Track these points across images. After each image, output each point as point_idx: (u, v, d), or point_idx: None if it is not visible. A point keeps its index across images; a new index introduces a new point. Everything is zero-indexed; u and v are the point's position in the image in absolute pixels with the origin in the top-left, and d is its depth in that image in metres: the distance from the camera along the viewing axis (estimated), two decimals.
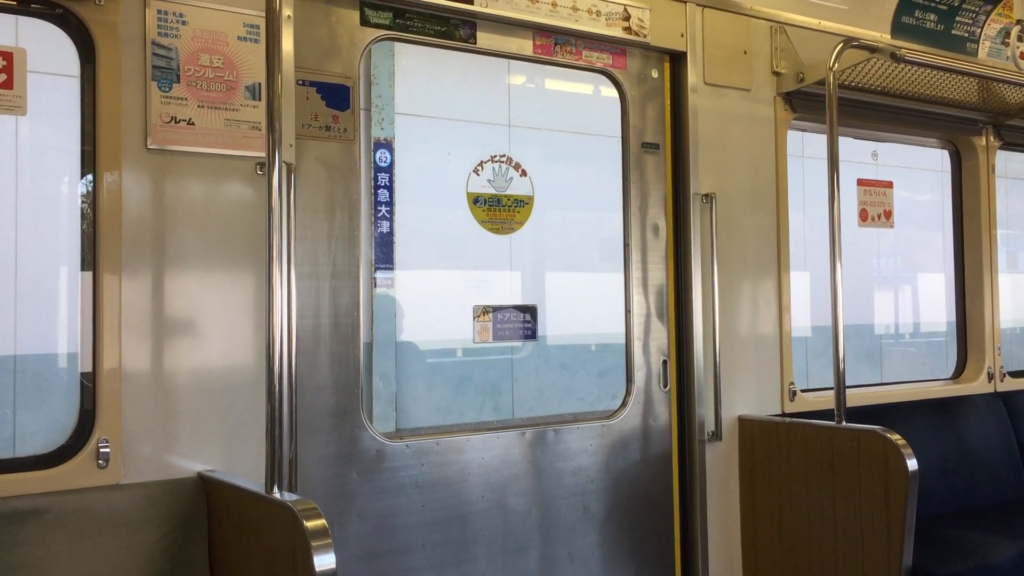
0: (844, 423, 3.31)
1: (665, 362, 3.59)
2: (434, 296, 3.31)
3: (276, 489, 2.24)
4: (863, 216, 4.29)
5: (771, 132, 3.86)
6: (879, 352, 4.96)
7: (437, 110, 3.44)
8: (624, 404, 3.50)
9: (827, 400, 3.79)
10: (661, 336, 3.60)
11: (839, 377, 3.34)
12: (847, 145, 4.07)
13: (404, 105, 3.49)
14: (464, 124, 3.42)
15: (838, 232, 3.39)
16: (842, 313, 3.38)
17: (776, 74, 3.87)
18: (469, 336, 3.24)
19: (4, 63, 2.37)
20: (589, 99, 3.68)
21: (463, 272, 3.36)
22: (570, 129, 3.60)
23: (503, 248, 3.38)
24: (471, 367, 3.36)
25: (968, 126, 4.61)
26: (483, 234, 3.29)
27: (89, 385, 2.48)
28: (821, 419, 3.51)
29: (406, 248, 3.39)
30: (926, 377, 4.67)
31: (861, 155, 4.51)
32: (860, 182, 4.30)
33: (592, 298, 3.63)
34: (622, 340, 3.53)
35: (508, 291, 3.40)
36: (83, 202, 2.54)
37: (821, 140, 4.05)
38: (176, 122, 2.59)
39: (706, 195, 3.62)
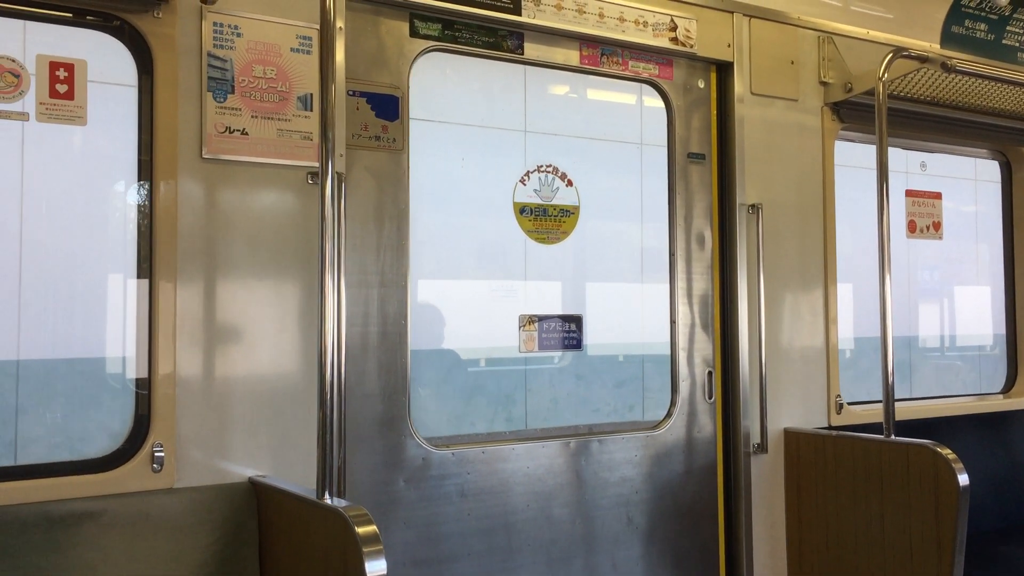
0: (893, 437, 3.27)
1: (710, 373, 3.57)
2: (480, 305, 3.32)
3: (327, 495, 2.26)
4: (911, 227, 4.25)
5: (818, 142, 3.84)
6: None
7: (481, 119, 3.46)
8: (669, 415, 3.49)
9: (874, 413, 3.76)
10: (706, 347, 3.58)
11: (888, 390, 3.30)
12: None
13: (446, 114, 3.51)
14: (509, 133, 3.43)
15: (887, 244, 3.36)
16: (891, 325, 3.35)
17: (824, 84, 3.84)
18: (515, 345, 3.25)
19: (66, 74, 2.43)
20: (636, 108, 3.68)
21: (509, 281, 3.36)
22: (616, 138, 3.59)
23: (549, 257, 3.38)
24: (516, 376, 3.37)
25: (1019, 136, 4.55)
26: (529, 243, 3.30)
27: (144, 391, 2.52)
28: (868, 432, 3.47)
29: (449, 257, 3.40)
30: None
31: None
32: (908, 193, 4.26)
33: (638, 308, 3.62)
34: (667, 351, 3.52)
35: (554, 300, 3.40)
36: (139, 210, 2.58)
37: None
38: (230, 132, 2.63)
39: (752, 206, 3.61)
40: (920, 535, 3.15)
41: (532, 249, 3.33)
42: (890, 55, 3.42)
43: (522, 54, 3.26)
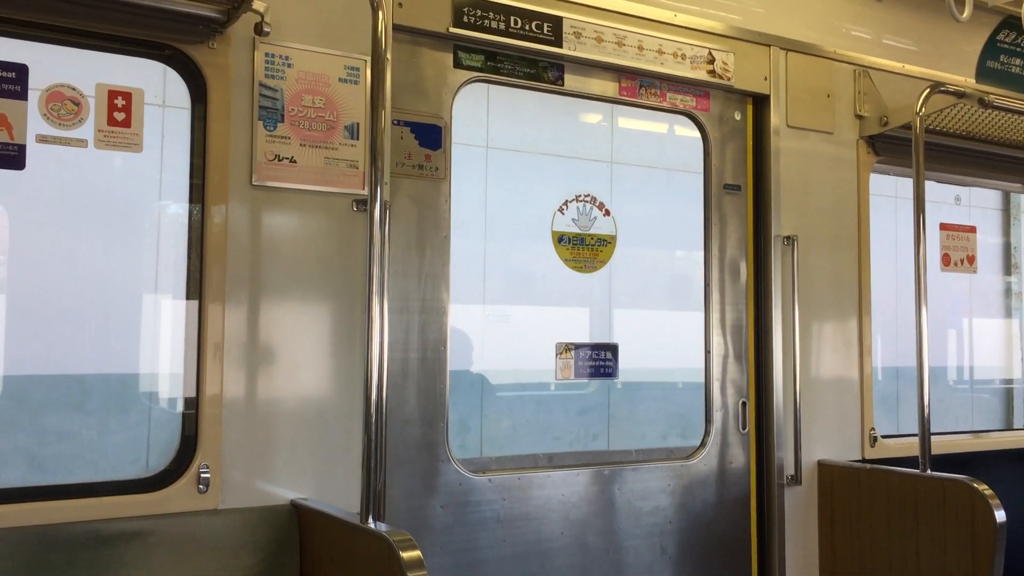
0: (929, 471, 3.26)
1: (744, 403, 3.58)
2: (518, 332, 3.36)
3: (370, 519, 2.29)
4: (945, 261, 4.25)
5: (853, 175, 3.86)
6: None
7: (521, 146, 3.51)
8: (703, 445, 3.50)
9: (908, 447, 3.75)
10: (740, 377, 3.59)
11: (924, 424, 3.30)
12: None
13: (487, 142, 3.56)
14: (548, 160, 3.48)
15: (924, 276, 3.37)
16: (927, 358, 3.35)
17: (859, 117, 3.87)
18: (551, 372, 3.28)
19: (124, 102, 2.49)
20: (673, 137, 3.72)
21: (546, 308, 3.40)
22: (655, 166, 3.64)
23: (586, 286, 3.42)
24: (555, 402, 3.40)
25: None
26: (567, 272, 3.33)
27: (191, 411, 2.56)
28: (902, 466, 3.47)
29: (488, 284, 3.44)
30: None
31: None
32: (943, 226, 4.26)
33: (672, 338, 3.64)
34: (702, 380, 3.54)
35: (590, 329, 3.43)
36: (190, 235, 2.64)
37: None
38: (279, 160, 2.69)
39: (787, 237, 3.63)
40: (956, 572, 3.13)
41: (569, 278, 3.36)
42: (927, 90, 3.44)
43: (562, 85, 3.30)
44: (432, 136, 3.04)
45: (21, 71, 2.36)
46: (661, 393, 3.69)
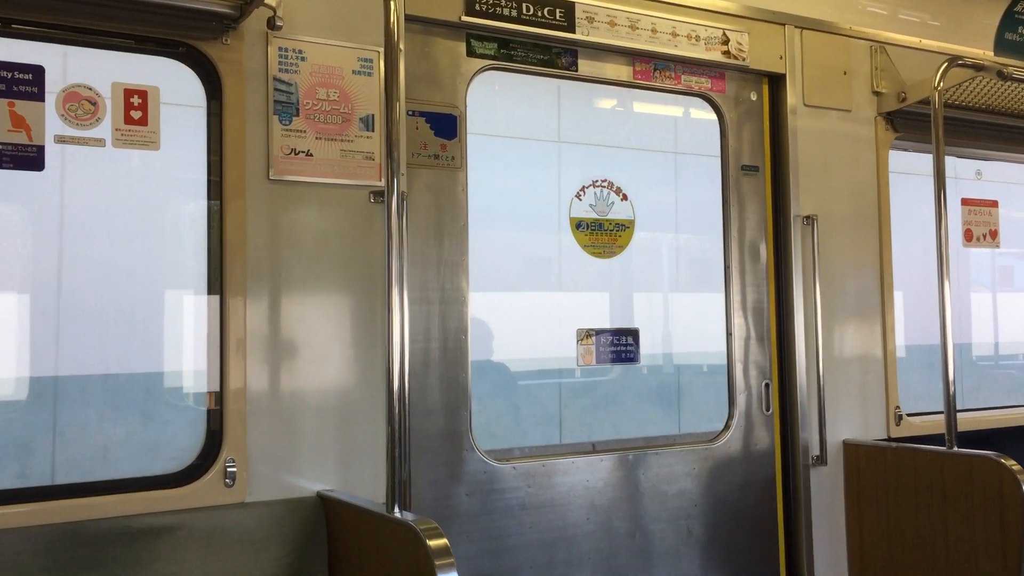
0: (955, 448, 3.24)
1: (767, 385, 3.57)
2: (537, 319, 3.36)
3: (396, 508, 2.30)
4: (968, 236, 4.21)
5: (872, 152, 3.83)
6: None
7: (536, 133, 3.50)
8: (727, 427, 3.49)
9: (934, 424, 3.73)
10: (762, 359, 3.58)
11: (949, 401, 3.28)
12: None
13: (502, 129, 3.56)
14: (566, 146, 3.47)
15: (946, 252, 3.34)
16: (951, 334, 3.32)
17: (877, 94, 3.83)
18: (573, 358, 3.27)
19: (140, 101, 2.50)
20: (688, 119, 3.70)
21: (565, 294, 3.40)
22: (670, 149, 3.62)
23: (604, 271, 3.41)
24: (578, 389, 3.40)
25: None
26: (586, 258, 3.33)
27: (216, 407, 2.58)
28: (929, 443, 3.45)
29: (507, 271, 3.44)
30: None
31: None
32: (965, 201, 4.22)
33: (693, 321, 3.63)
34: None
35: (610, 314, 3.43)
36: (209, 229, 2.65)
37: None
38: (295, 153, 2.69)
39: (807, 217, 3.60)
40: (985, 548, 3.11)
41: (588, 263, 3.35)
42: (945, 64, 3.41)
43: (576, 71, 3.29)
44: (447, 125, 3.04)
45: (38, 72, 2.37)
46: (687, 377, 3.68)
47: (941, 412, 3.35)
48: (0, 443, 2.70)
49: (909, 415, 3.79)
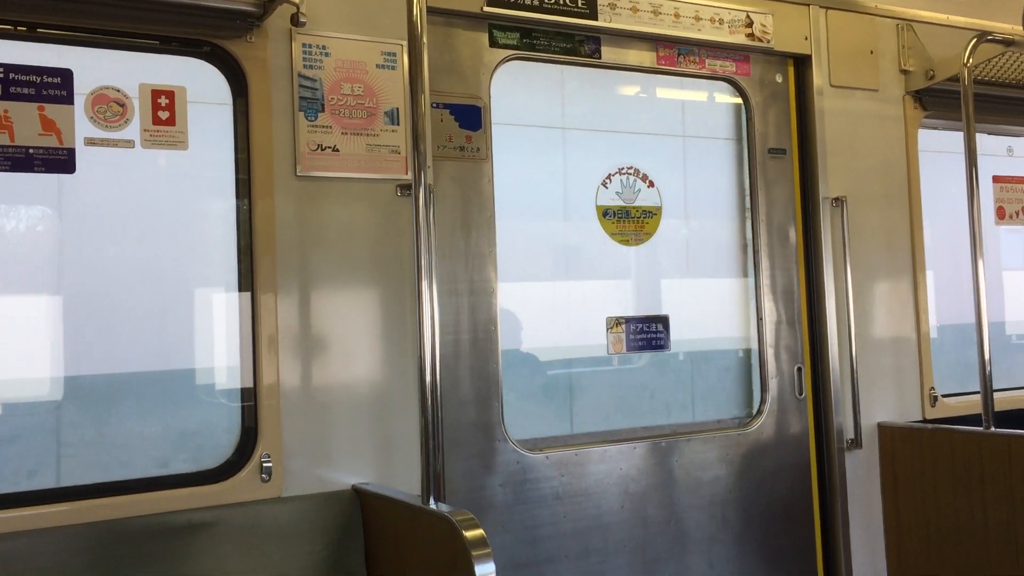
0: (993, 428, 3.20)
1: (799, 369, 3.54)
2: (567, 309, 3.35)
3: (431, 500, 2.31)
4: (1000, 214, 4.15)
5: (901, 132, 3.78)
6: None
7: (561, 122, 3.49)
8: (759, 413, 3.47)
9: (970, 405, 3.69)
10: (794, 343, 3.55)
11: (986, 380, 3.24)
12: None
13: (526, 119, 3.55)
14: (589, 135, 3.45)
15: (979, 230, 3.31)
16: (986, 313, 3.28)
17: (904, 72, 3.78)
18: (603, 347, 3.27)
19: (167, 101, 2.52)
20: (714, 103, 3.67)
21: (593, 283, 3.39)
22: (696, 134, 3.60)
23: (632, 259, 3.40)
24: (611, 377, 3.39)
25: None
26: (613, 246, 3.32)
27: (249, 403, 2.60)
28: (965, 424, 3.41)
29: (535, 262, 3.43)
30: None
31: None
32: (996, 179, 4.16)
33: (723, 306, 3.61)
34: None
35: (639, 301, 3.41)
36: (239, 227, 2.66)
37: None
38: (322, 149, 2.70)
39: (836, 198, 3.57)
40: None
41: (616, 251, 3.34)
42: (974, 40, 3.36)
43: (599, 58, 3.27)
44: (472, 117, 3.04)
45: (66, 76, 2.40)
46: (718, 363, 3.66)
47: (977, 392, 3.31)
48: (39, 443, 2.74)
49: (944, 396, 3.76)
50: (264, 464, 2.53)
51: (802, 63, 3.63)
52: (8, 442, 2.71)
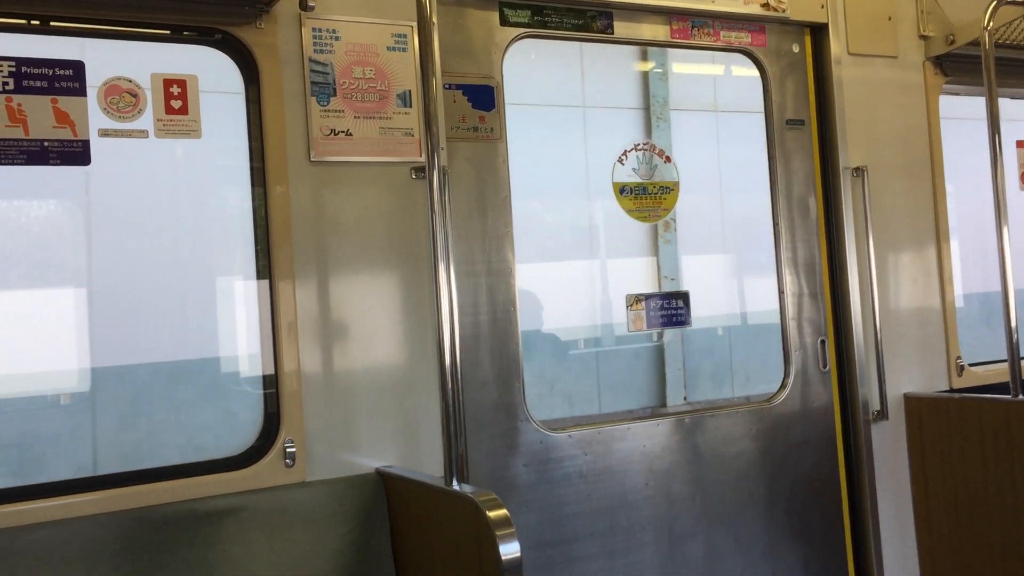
0: (1021, 396, 3.16)
1: (823, 341, 3.51)
2: (587, 287, 3.34)
3: (455, 481, 2.31)
4: None
5: (921, 98, 3.73)
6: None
7: (571, 99, 3.47)
8: (783, 386, 3.44)
9: (997, 373, 3.65)
10: (816, 315, 3.52)
11: (1013, 348, 3.20)
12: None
13: (540, 98, 3.53)
14: (603, 111, 3.44)
15: (1003, 197, 3.25)
16: (1012, 280, 3.23)
17: (924, 38, 3.72)
18: (623, 324, 3.25)
19: (179, 90, 2.52)
20: (729, 77, 3.63)
21: (612, 260, 3.37)
22: (712, 108, 3.56)
23: (650, 235, 3.38)
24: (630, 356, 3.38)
25: None
26: (631, 223, 3.29)
27: (271, 390, 2.61)
28: (992, 393, 3.37)
29: (553, 241, 3.42)
30: None
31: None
32: (1020, 144, 4.09)
33: (746, 281, 3.58)
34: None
35: (658, 278, 3.40)
36: (255, 216, 2.67)
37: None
38: (335, 134, 2.70)
39: (856, 168, 3.53)
40: None
41: (634, 228, 3.32)
42: (995, 2, 3.29)
43: (612, 33, 3.24)
44: (484, 97, 3.02)
45: (78, 68, 2.40)
46: (742, 338, 3.64)
47: (1004, 360, 3.27)
48: (68, 433, 2.77)
49: (971, 365, 3.71)
50: (287, 449, 2.55)
51: (819, 32, 3.58)
52: (37, 433, 2.75)
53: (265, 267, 2.64)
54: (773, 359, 3.44)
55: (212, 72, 2.65)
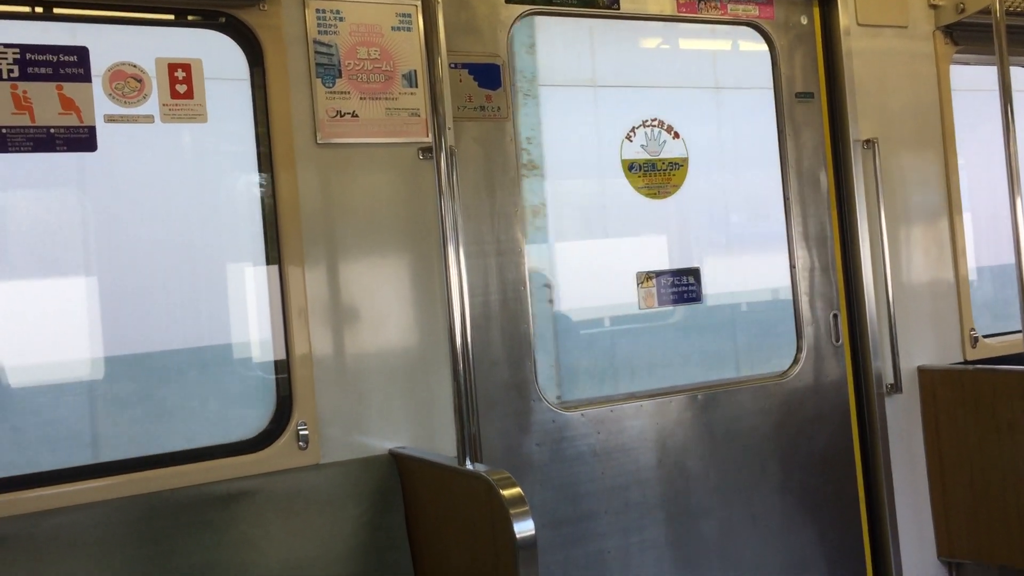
0: None
1: (835, 316, 3.49)
2: (597, 266, 3.32)
3: (468, 461, 2.31)
4: None
5: (932, 68, 3.69)
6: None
7: (578, 78, 3.44)
8: (795, 361, 3.43)
9: (1012, 345, 3.64)
10: (828, 289, 3.50)
11: None
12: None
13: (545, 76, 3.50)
14: (610, 89, 3.41)
15: (1016, 167, 3.22)
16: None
17: (933, 7, 3.68)
18: (634, 302, 3.24)
19: (184, 74, 2.51)
20: (736, 50, 3.60)
21: (622, 239, 3.36)
22: (721, 84, 3.53)
23: (661, 212, 3.36)
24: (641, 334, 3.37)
25: None
26: (640, 200, 3.28)
27: (283, 374, 2.61)
28: (1007, 364, 3.35)
29: (561, 219, 3.41)
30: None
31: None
32: None
33: (758, 256, 3.56)
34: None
35: (669, 255, 3.38)
36: (263, 201, 2.66)
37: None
38: (341, 116, 2.69)
39: (867, 140, 3.50)
40: None
41: (644, 205, 3.30)
42: None
43: (618, 8, 3.22)
44: (491, 76, 3.00)
45: (82, 54, 2.39)
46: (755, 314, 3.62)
47: (1019, 331, 3.25)
48: (82, 421, 2.78)
49: (985, 337, 3.69)
50: (301, 432, 2.55)
51: (827, 3, 3.54)
52: (52, 421, 2.76)
53: (274, 252, 2.64)
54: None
55: (218, 58, 2.64)
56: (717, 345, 3.52)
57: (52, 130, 2.34)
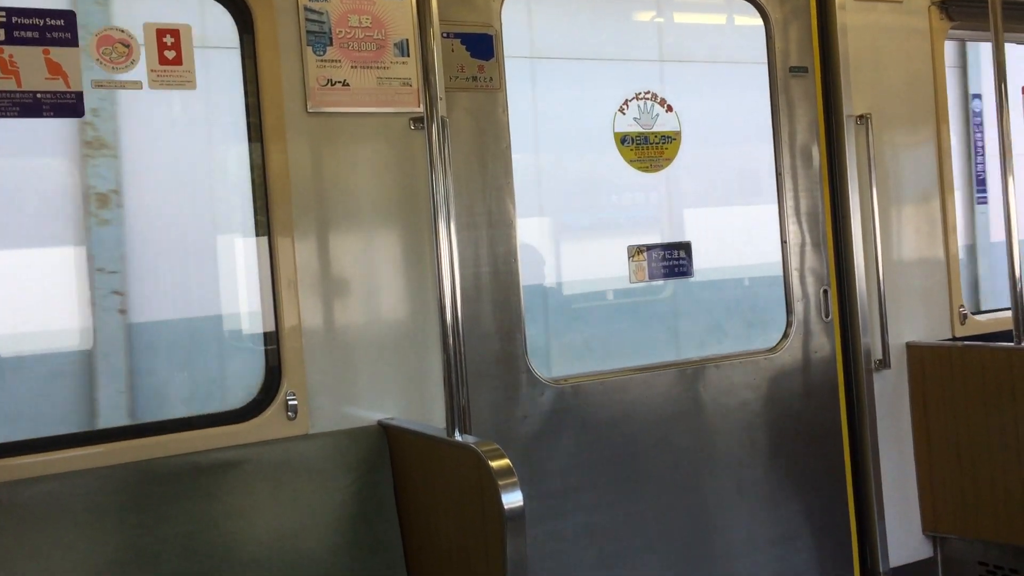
0: None
1: (826, 291, 3.50)
2: (588, 239, 3.32)
3: (456, 433, 2.31)
4: None
5: (927, 44, 3.68)
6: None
7: (571, 51, 3.41)
8: (785, 336, 3.44)
9: (1000, 322, 3.65)
10: (819, 265, 3.51)
11: (1017, 296, 3.19)
12: None
13: (539, 48, 3.48)
14: (603, 63, 3.39)
15: (1008, 145, 3.22)
16: (1016, 229, 3.22)
17: None
18: (625, 276, 3.24)
19: (172, 40, 2.48)
20: (731, 24, 3.58)
21: (613, 212, 3.35)
22: (715, 58, 3.51)
23: (652, 185, 3.35)
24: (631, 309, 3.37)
25: None
26: (632, 173, 3.26)
27: (272, 345, 2.61)
28: (996, 341, 3.37)
29: (554, 192, 3.40)
30: None
31: None
32: None
33: (748, 231, 3.56)
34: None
35: (661, 228, 3.38)
36: (252, 171, 2.64)
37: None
38: (332, 84, 2.66)
39: (860, 116, 3.49)
40: None
41: (635, 178, 3.29)
42: None
43: None
44: (483, 46, 2.97)
45: (69, 17, 2.36)
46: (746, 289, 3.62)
47: (1008, 308, 3.26)
48: (73, 389, 2.78)
49: (974, 313, 3.71)
50: (289, 402, 2.55)
51: None
52: (43, 390, 2.75)
53: (264, 223, 2.62)
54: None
55: (209, 25, 2.61)
56: (707, 319, 3.52)
57: (39, 95, 2.31)
